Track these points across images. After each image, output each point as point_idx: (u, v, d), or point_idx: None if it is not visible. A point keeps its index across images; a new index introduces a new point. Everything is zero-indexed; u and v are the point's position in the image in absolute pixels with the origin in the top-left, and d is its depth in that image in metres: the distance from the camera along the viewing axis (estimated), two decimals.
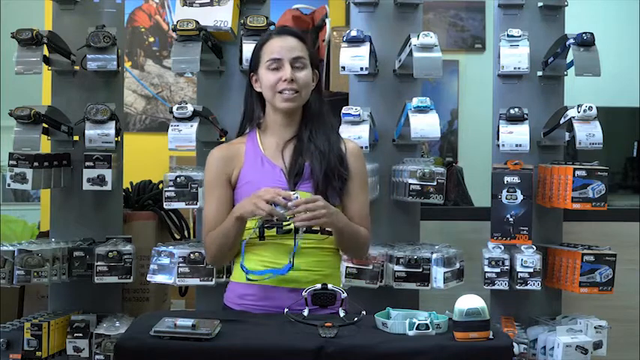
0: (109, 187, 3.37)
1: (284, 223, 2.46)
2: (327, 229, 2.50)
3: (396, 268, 3.26)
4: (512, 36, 3.48)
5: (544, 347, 3.35)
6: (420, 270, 3.26)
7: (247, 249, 2.52)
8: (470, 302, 2.07)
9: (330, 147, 2.53)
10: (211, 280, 3.22)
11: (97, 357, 3.26)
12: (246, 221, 2.45)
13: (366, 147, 3.27)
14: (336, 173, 2.50)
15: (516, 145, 3.41)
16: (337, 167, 2.51)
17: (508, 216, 3.39)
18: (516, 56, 3.47)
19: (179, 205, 3.21)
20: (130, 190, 4.18)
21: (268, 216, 2.35)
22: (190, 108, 3.24)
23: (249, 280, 2.44)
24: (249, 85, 2.60)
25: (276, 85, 2.49)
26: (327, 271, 2.53)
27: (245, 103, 2.63)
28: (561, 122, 3.46)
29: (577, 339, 3.27)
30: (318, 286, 2.27)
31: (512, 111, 3.45)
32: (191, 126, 3.23)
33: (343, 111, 3.30)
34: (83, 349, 3.32)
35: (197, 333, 2.05)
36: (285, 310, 2.22)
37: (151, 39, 5.90)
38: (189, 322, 2.07)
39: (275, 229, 2.47)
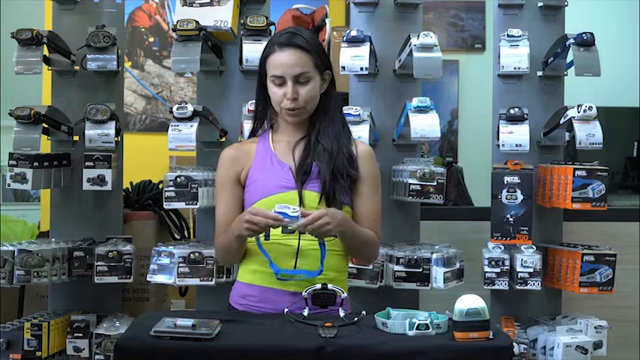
0: (109, 187, 3.37)
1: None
2: None
3: (396, 268, 3.26)
4: (512, 36, 3.48)
5: (544, 347, 3.35)
6: (420, 270, 3.26)
7: (252, 249, 2.51)
8: (470, 302, 2.07)
9: (339, 147, 2.51)
10: (211, 280, 3.22)
11: (97, 357, 3.26)
12: (246, 238, 2.44)
13: None
14: (345, 173, 2.49)
15: (516, 145, 3.41)
16: (346, 167, 2.50)
17: (508, 216, 3.39)
18: (516, 56, 3.47)
19: (179, 205, 3.20)
20: (130, 190, 4.18)
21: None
22: (190, 108, 3.24)
23: (279, 278, 2.42)
24: (261, 87, 2.57)
25: (281, 101, 2.49)
26: (332, 275, 2.48)
27: (256, 104, 2.62)
28: (561, 122, 3.46)
29: (577, 339, 3.27)
30: (318, 286, 2.27)
31: (512, 111, 3.45)
32: (191, 126, 3.23)
33: (343, 111, 3.30)
34: (83, 349, 3.32)
35: (197, 333, 2.05)
36: (285, 310, 2.22)
37: (151, 39, 5.90)
38: (189, 322, 2.07)
39: (280, 229, 2.47)
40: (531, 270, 3.36)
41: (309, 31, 2.63)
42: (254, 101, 2.65)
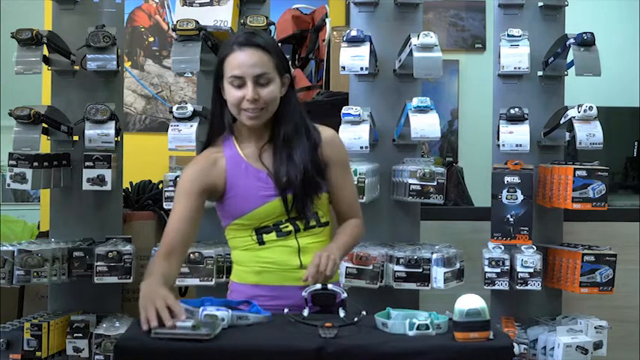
0: (108, 187, 3.37)
1: (281, 226, 2.45)
2: (322, 221, 2.49)
3: (396, 268, 3.26)
4: (513, 36, 3.48)
5: (544, 347, 3.35)
6: (420, 270, 3.26)
7: (246, 253, 2.50)
8: (470, 302, 2.07)
9: (305, 154, 2.44)
10: (211, 280, 3.22)
11: (96, 357, 3.26)
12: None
13: (366, 147, 3.27)
14: (314, 183, 2.44)
15: (516, 145, 3.41)
16: (314, 177, 2.44)
17: (508, 216, 3.39)
18: (516, 56, 3.47)
19: None
20: (130, 190, 4.18)
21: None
22: (190, 108, 3.24)
23: None
24: (217, 94, 2.47)
25: (239, 103, 2.39)
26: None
27: (212, 112, 2.52)
28: (561, 122, 3.47)
29: (577, 339, 3.27)
30: (318, 286, 2.26)
31: (512, 111, 3.45)
32: (191, 126, 3.24)
33: (343, 111, 3.30)
34: (83, 349, 3.32)
35: (197, 334, 2.04)
36: (285, 310, 2.22)
37: (151, 39, 5.90)
38: (188, 322, 2.06)
39: (275, 233, 2.46)
40: (531, 270, 3.36)
41: (267, 33, 2.55)
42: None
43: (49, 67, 3.56)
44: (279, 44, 3.30)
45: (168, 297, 2.16)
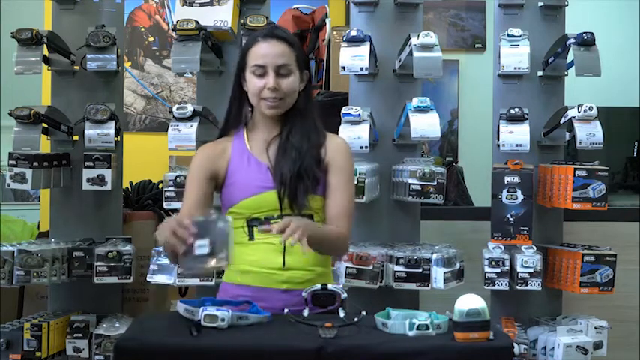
0: (108, 187, 3.37)
1: (271, 221, 2.45)
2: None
3: (396, 268, 3.26)
4: (513, 36, 3.48)
5: (544, 347, 3.35)
6: (420, 270, 3.26)
7: (237, 249, 2.51)
8: (470, 302, 2.07)
9: (308, 147, 2.49)
10: (211, 280, 3.22)
11: (96, 357, 3.26)
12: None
13: (366, 147, 3.27)
14: (311, 174, 2.46)
15: (516, 145, 3.41)
16: (312, 168, 2.47)
17: (508, 216, 3.39)
18: (516, 56, 3.47)
19: (179, 205, 3.19)
20: (130, 190, 4.18)
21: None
22: (190, 108, 3.24)
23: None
24: (238, 87, 2.55)
25: (260, 91, 2.46)
26: (320, 270, 2.49)
27: (231, 103, 2.58)
28: (561, 122, 3.47)
29: (577, 339, 3.27)
30: (318, 286, 2.26)
31: (512, 111, 3.45)
32: (191, 126, 3.23)
33: (343, 111, 3.30)
34: (83, 349, 3.32)
35: (218, 266, 2.14)
36: (286, 310, 2.22)
37: (151, 39, 5.90)
38: (204, 248, 2.11)
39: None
40: (531, 270, 3.36)
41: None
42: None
43: (49, 67, 3.56)
44: None
45: (176, 219, 2.19)
